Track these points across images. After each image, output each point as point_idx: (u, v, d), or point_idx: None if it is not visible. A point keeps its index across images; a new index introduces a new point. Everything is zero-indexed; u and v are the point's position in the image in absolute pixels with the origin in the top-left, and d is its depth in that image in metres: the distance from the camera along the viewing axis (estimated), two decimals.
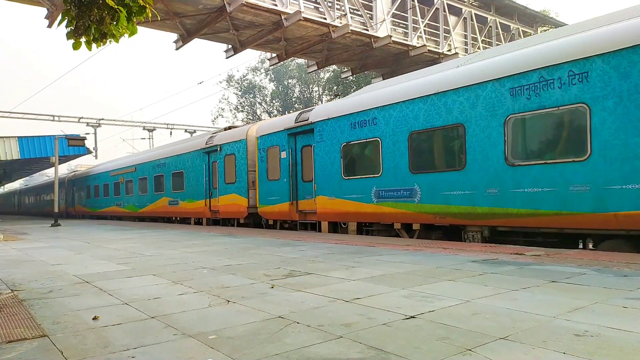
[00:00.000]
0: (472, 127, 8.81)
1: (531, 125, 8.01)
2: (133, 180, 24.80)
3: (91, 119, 33.45)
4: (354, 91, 12.91)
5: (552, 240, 8.08)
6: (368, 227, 11.54)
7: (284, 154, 13.92)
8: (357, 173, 11.42)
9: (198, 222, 19.13)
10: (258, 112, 46.81)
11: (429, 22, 21.23)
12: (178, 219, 20.98)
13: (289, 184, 13.68)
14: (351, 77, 29.96)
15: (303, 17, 16.92)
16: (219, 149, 17.08)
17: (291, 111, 39.25)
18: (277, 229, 14.53)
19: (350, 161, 11.63)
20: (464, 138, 8.94)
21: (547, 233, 8.07)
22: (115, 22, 4.25)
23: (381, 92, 11.00)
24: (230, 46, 20.02)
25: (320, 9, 17.95)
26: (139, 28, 8.85)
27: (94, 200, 31.26)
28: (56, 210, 22.44)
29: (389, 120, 10.50)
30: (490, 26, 24.05)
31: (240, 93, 46.78)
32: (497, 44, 24.01)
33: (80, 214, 34.41)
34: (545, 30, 29.99)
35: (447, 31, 21.90)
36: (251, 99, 46.91)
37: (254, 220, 15.87)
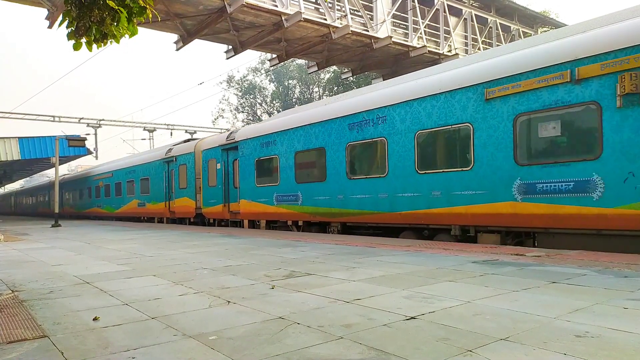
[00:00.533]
0: (329, 150, 12.22)
1: (359, 150, 11.52)
2: (110, 185, 28.45)
3: (91, 119, 33.46)
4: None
5: (378, 232, 11.53)
6: (273, 224, 14.90)
7: (218, 165, 17.19)
8: (265, 182, 14.72)
9: (160, 220, 22.97)
10: (258, 112, 46.84)
11: (429, 22, 21.24)
12: (145, 218, 24.55)
13: (222, 190, 16.95)
14: (351, 78, 29.96)
15: (303, 18, 16.92)
16: (174, 159, 20.42)
17: None
18: (216, 226, 17.79)
19: (261, 172, 14.96)
20: (325, 158, 12.38)
21: (373, 226, 11.48)
22: (115, 23, 4.26)
23: (280, 120, 14.55)
24: (230, 47, 20.03)
25: (321, 10, 17.96)
26: (140, 29, 8.86)
27: (79, 202, 34.91)
28: (56, 211, 22.44)
29: (283, 142, 13.94)
30: (490, 27, 24.06)
31: (240, 94, 46.80)
32: (498, 45, 24.03)
33: (68, 214, 37.52)
34: (545, 31, 30.01)
35: (448, 32, 21.91)
36: (251, 100, 46.93)
37: (201, 220, 18.96)
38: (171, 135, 37.82)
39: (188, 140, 21.60)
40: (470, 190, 8.94)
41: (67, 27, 4.37)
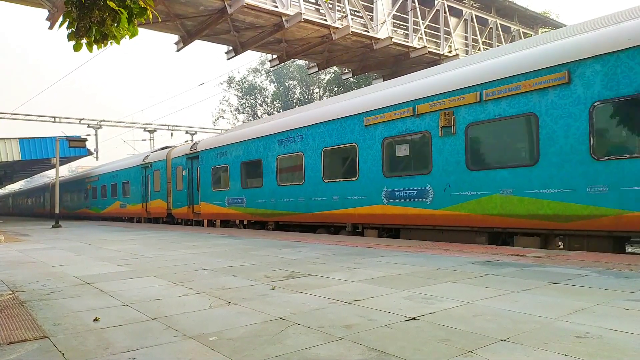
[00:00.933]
0: (265, 161, 14.62)
1: (285, 162, 13.89)
2: (97, 188, 31.07)
3: (92, 120, 33.47)
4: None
5: (303, 229, 13.77)
6: (226, 223, 17.41)
7: (184, 172, 19.59)
8: (219, 187, 17.08)
9: (138, 220, 25.39)
10: (259, 113, 46.84)
11: (429, 23, 21.24)
12: (126, 218, 27.10)
13: (187, 193, 19.41)
14: (352, 79, 29.97)
15: (304, 19, 16.94)
16: (150, 165, 22.61)
17: None
18: (183, 225, 20.16)
19: (216, 179, 17.32)
20: (261, 168, 14.75)
21: (297, 224, 13.85)
22: (116, 24, 4.27)
23: (230, 134, 17.18)
24: (231, 47, 20.05)
25: (321, 11, 17.97)
26: (140, 29, 8.87)
27: (70, 203, 37.48)
28: (57, 211, 22.44)
29: (233, 154, 16.30)
30: (490, 27, 24.07)
31: (241, 94, 46.82)
32: (498, 45, 24.03)
33: (61, 214, 37.91)
34: (545, 32, 30.00)
35: (448, 32, 21.92)
36: (252, 101, 46.94)
37: (172, 219, 21.44)
38: (171, 136, 37.85)
39: (164, 148, 23.42)
40: (357, 196, 11.39)
41: (68, 27, 4.38)
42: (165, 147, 23.20)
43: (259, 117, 45.62)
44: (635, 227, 6.83)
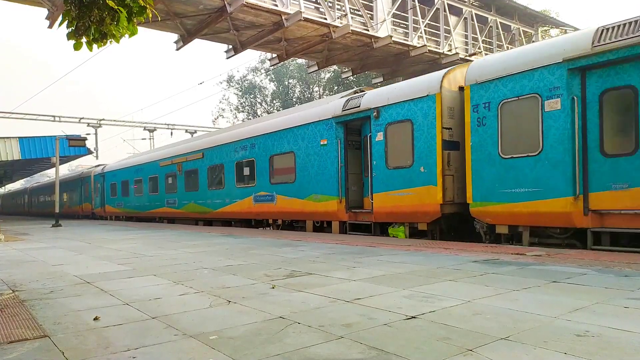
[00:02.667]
0: (202, 170, 18.91)
1: (212, 171, 18.30)
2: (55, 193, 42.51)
3: (92, 119, 33.49)
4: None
5: (227, 222, 17.87)
6: (129, 219, 26.23)
7: (98, 185, 30.19)
8: (118, 195, 27.24)
9: (77, 216, 34.98)
10: (259, 112, 46.80)
11: (429, 22, 21.21)
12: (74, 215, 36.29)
13: (100, 199, 29.98)
14: (352, 77, 29.94)
15: (303, 18, 16.90)
16: (84, 178, 33.61)
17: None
18: (99, 219, 27.83)
19: (120, 191, 27.21)
20: (198, 176, 19.04)
21: (229, 219, 17.57)
22: (115, 23, 4.26)
23: (135, 159, 25.27)
24: (230, 46, 20.01)
25: (321, 9, 17.94)
26: (140, 28, 8.84)
27: (42, 204, 46.81)
28: (57, 210, 22.45)
29: (126, 174, 25.93)
30: (490, 26, 24.04)
31: (240, 93, 46.78)
32: (498, 44, 24.02)
33: (35, 213, 50.81)
34: (545, 31, 30.01)
35: (448, 31, 21.89)
36: (251, 99, 46.90)
37: (93, 216, 31.69)
38: (171, 134, 37.87)
39: (97, 166, 32.63)
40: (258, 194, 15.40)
41: (67, 27, 4.37)
42: (97, 166, 32.88)
43: (259, 116, 45.65)
44: None
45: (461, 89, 9.66)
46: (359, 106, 11.31)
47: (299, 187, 13.34)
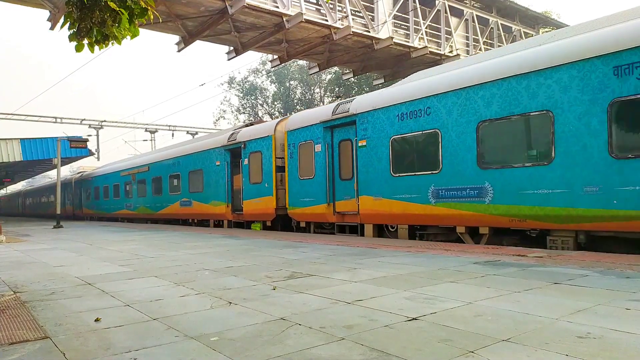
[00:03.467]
0: (149, 181, 23.24)
1: (155, 181, 22.90)
2: (40, 197, 51.89)
3: (93, 120, 33.53)
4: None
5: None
6: (107, 220, 29.46)
7: (76, 191, 35.72)
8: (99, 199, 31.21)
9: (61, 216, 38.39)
10: (260, 113, 46.85)
11: (430, 23, 21.22)
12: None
13: (79, 201, 35.50)
14: (352, 79, 29.96)
15: (305, 19, 16.93)
16: (68, 182, 38.27)
17: (294, 112, 39.31)
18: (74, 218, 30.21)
19: (94, 195, 32.15)
20: (146, 185, 22.73)
21: (165, 219, 21.91)
22: (117, 24, 4.27)
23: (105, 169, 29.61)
24: (231, 48, 20.05)
25: (322, 11, 17.97)
26: (141, 30, 8.88)
27: (35, 207, 52.88)
28: (58, 211, 22.48)
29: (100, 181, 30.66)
30: (491, 27, 24.04)
31: (242, 95, 46.83)
32: (499, 45, 24.00)
33: (28, 214, 56.62)
34: (546, 31, 29.96)
35: (449, 32, 21.89)
36: (253, 101, 46.95)
37: (74, 215, 36.23)
38: (172, 136, 37.89)
39: (77, 173, 38.34)
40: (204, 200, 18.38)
41: (69, 28, 4.38)
42: (78, 173, 38.94)
43: (260, 118, 45.69)
44: None
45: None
46: (235, 140, 16.41)
47: (206, 195, 18.17)
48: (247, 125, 17.25)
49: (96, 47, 4.45)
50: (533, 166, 7.97)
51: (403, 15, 20.42)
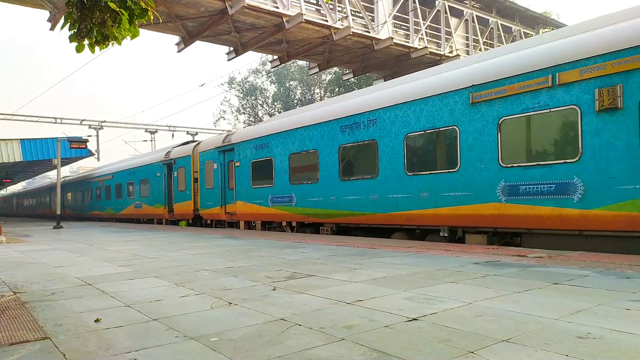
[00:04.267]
0: (112, 187, 28.53)
1: (117, 187, 28.11)
2: (31, 200, 59.77)
3: (93, 121, 33.47)
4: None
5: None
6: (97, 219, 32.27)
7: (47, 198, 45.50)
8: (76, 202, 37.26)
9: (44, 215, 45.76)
10: (260, 114, 46.87)
11: (430, 23, 21.23)
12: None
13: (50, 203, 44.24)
14: (352, 79, 29.97)
15: (304, 20, 16.94)
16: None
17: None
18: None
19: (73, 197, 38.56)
20: (111, 190, 28.44)
21: (125, 219, 27.11)
22: (117, 25, 4.27)
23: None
24: (231, 48, 20.06)
25: (322, 11, 17.98)
26: (141, 30, 8.87)
27: (27, 208, 60.45)
28: (58, 212, 22.47)
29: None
30: (491, 28, 24.05)
31: (242, 95, 46.84)
32: (499, 45, 24.00)
33: (22, 214, 61.99)
34: (546, 32, 29.96)
35: (449, 33, 21.90)
36: (253, 101, 46.96)
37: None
38: (172, 136, 37.87)
39: (64, 177, 41.32)
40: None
41: (70, 29, 4.39)
42: (65, 177, 43.09)
43: (260, 118, 45.73)
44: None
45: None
46: (169, 157, 21.14)
47: (152, 199, 22.95)
48: (178, 146, 21.91)
49: (96, 48, 4.46)
50: (310, 183, 12.81)
51: (403, 16, 20.43)
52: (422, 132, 9.85)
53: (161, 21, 15.76)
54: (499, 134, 8.41)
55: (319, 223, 12.72)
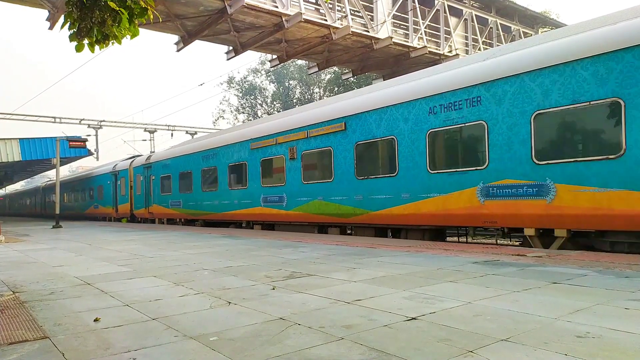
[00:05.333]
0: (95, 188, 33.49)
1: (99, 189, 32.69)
2: (23, 200, 64.63)
3: (92, 120, 33.43)
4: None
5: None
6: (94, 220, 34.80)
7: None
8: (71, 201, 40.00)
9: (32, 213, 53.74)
10: (259, 113, 46.84)
11: (429, 23, 21.23)
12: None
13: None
14: (352, 79, 29.97)
15: (304, 19, 16.93)
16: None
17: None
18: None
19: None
20: (93, 191, 32.64)
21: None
22: (117, 24, 4.27)
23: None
24: (231, 48, 20.05)
25: (321, 11, 17.97)
26: (141, 30, 8.85)
27: (20, 207, 65.46)
28: (57, 212, 22.45)
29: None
30: (491, 27, 24.06)
31: (241, 94, 46.80)
32: (498, 45, 24.00)
33: (15, 214, 65.11)
34: (545, 31, 30.00)
35: (448, 32, 21.91)
36: (252, 101, 46.92)
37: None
38: (172, 136, 37.84)
39: (47, 181, 47.23)
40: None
41: (69, 28, 4.38)
42: (48, 181, 46.54)
43: (259, 117, 45.72)
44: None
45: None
46: (115, 168, 27.12)
47: (104, 201, 29.02)
48: (122, 161, 28.00)
49: (96, 47, 4.45)
50: (189, 193, 19.19)
51: (402, 15, 20.42)
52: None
53: (160, 20, 15.76)
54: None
55: (194, 220, 19.36)
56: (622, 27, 7.04)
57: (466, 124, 8.84)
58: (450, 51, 21.92)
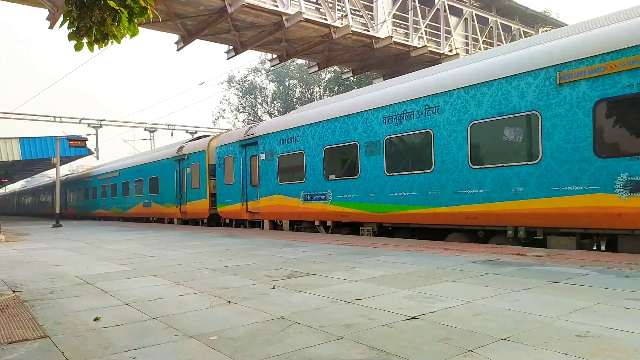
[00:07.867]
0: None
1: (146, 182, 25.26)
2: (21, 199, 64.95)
3: (92, 119, 33.45)
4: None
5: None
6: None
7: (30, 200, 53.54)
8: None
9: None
10: (259, 112, 46.82)
11: (429, 22, 21.21)
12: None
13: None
14: (352, 78, 29.94)
15: (304, 18, 16.91)
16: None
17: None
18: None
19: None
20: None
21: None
22: (116, 23, 4.26)
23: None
24: (231, 47, 20.02)
25: (321, 10, 17.95)
26: (140, 29, 8.85)
27: (18, 207, 65.28)
28: (57, 211, 22.45)
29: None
30: (491, 27, 24.03)
31: (241, 94, 46.77)
32: (498, 44, 24.00)
33: (15, 213, 66.24)
34: (545, 31, 29.99)
35: (448, 32, 21.89)
36: (252, 100, 46.89)
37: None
38: (172, 135, 37.86)
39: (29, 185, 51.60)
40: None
41: (69, 27, 4.37)
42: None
43: (260, 117, 45.72)
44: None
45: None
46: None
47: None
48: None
49: (95, 46, 4.45)
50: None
51: (402, 15, 20.40)
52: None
53: (160, 20, 15.73)
54: None
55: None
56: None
57: None
58: (450, 50, 21.90)
